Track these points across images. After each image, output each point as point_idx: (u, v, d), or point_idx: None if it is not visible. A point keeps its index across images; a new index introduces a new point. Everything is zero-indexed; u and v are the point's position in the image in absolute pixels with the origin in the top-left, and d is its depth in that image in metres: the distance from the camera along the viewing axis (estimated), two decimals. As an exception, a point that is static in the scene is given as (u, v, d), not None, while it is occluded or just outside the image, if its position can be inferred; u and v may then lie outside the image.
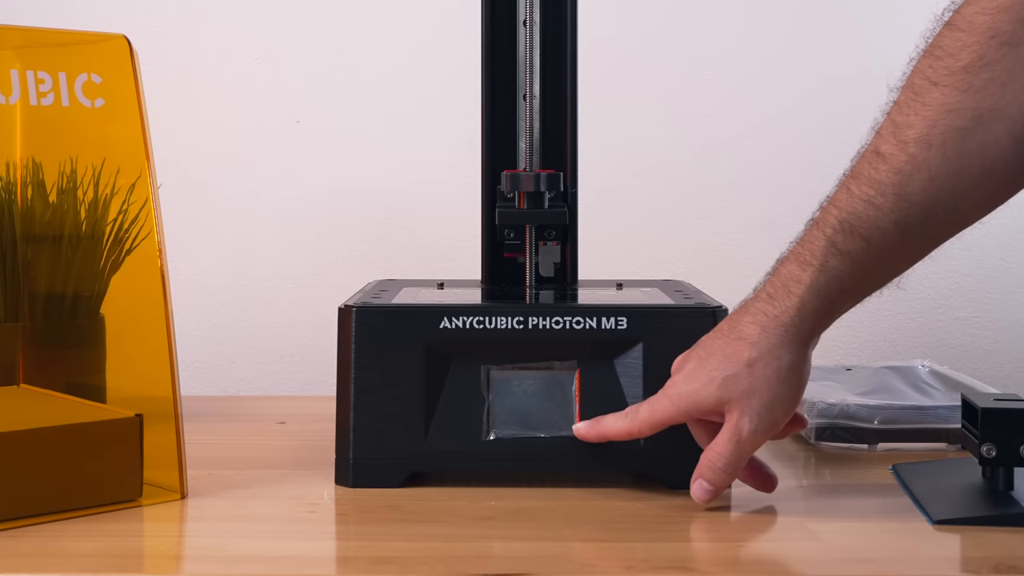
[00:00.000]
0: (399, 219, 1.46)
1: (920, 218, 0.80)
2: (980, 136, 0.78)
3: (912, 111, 0.79)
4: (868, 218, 0.81)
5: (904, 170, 0.79)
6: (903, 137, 0.79)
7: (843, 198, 0.82)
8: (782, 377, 0.83)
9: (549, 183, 1.05)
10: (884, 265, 0.83)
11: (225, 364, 1.46)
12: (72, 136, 0.97)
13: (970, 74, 0.77)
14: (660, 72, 1.45)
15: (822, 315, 0.83)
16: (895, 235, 0.81)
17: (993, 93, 0.77)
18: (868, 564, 0.75)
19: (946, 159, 0.78)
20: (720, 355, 0.84)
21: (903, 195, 0.79)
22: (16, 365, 0.99)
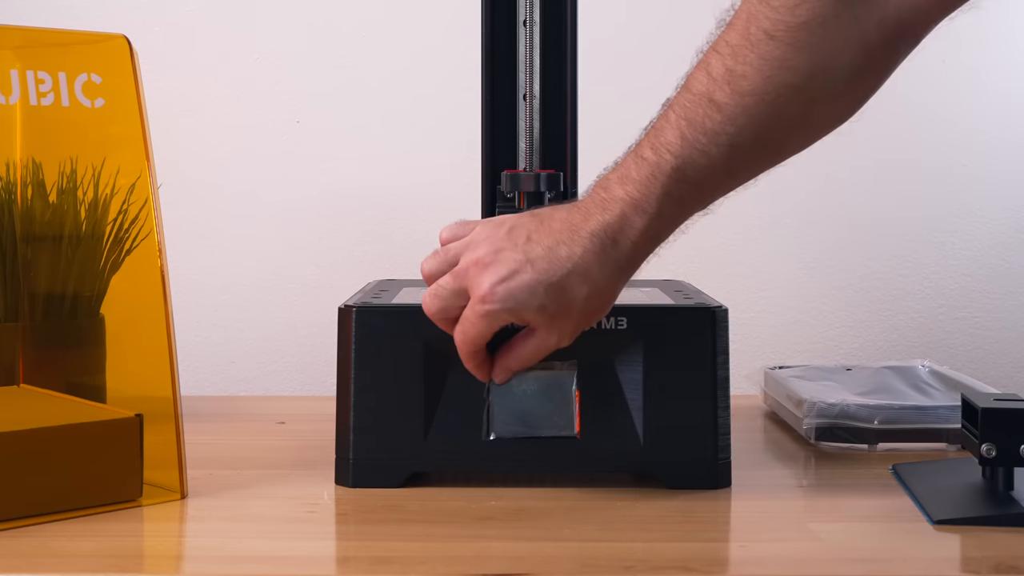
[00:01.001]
0: (399, 219, 1.46)
1: (747, 163, 0.84)
2: (810, 92, 0.81)
3: (747, 61, 0.81)
4: (700, 167, 0.83)
5: (738, 121, 0.81)
6: (738, 87, 0.81)
7: (676, 143, 0.83)
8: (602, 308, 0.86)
9: (549, 183, 1.05)
10: (706, 204, 0.86)
11: (225, 364, 1.46)
12: (72, 136, 0.97)
13: (807, 32, 0.79)
14: (660, 72, 1.45)
15: (647, 254, 0.86)
16: (723, 178, 0.85)
17: (826, 52, 0.79)
18: (868, 564, 0.75)
19: (777, 112, 0.81)
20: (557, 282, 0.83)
21: (735, 145, 0.82)
22: (16, 365, 0.99)
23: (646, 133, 0.86)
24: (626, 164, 0.86)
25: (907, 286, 1.47)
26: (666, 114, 0.85)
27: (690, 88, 0.83)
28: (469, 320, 0.85)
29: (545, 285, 0.83)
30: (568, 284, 0.84)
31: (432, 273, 0.88)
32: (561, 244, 0.84)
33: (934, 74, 1.44)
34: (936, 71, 1.44)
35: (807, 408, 1.05)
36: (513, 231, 0.86)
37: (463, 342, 0.87)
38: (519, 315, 0.85)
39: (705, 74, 0.83)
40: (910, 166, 1.46)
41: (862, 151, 1.45)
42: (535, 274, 0.83)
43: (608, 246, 0.84)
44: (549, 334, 0.86)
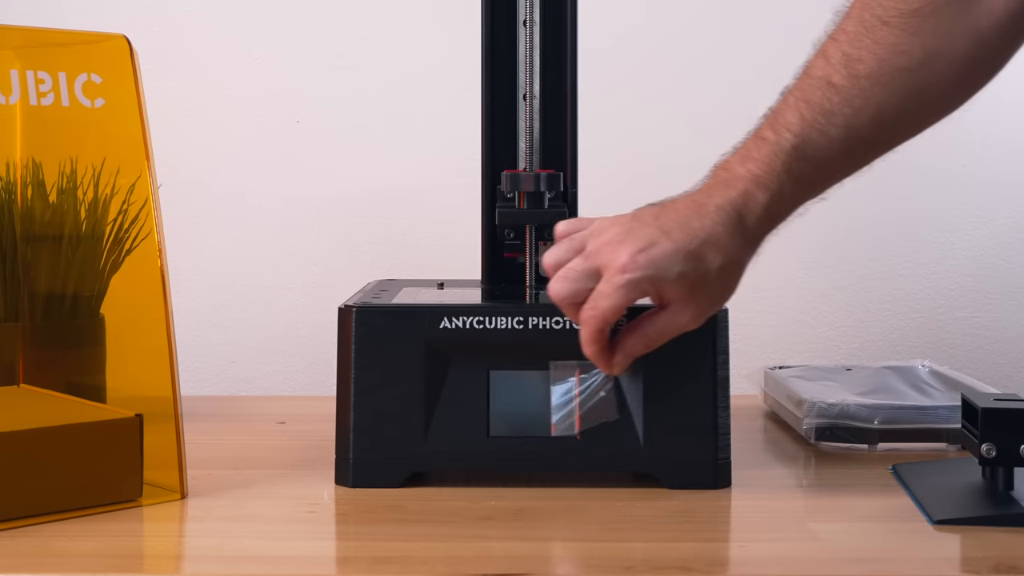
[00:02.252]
0: (399, 219, 1.46)
1: (863, 145, 0.87)
2: (924, 76, 0.84)
3: (863, 46, 0.85)
4: (819, 146, 0.85)
5: (855, 103, 0.85)
6: (854, 71, 0.85)
7: (796, 122, 0.86)
8: (731, 284, 0.88)
9: (549, 183, 1.05)
10: (824, 187, 0.88)
11: (225, 364, 1.46)
12: (72, 136, 0.97)
13: (919, 18, 0.83)
14: (660, 71, 1.45)
15: (767, 233, 0.88)
16: (840, 159, 0.87)
17: (938, 38, 0.83)
18: (868, 564, 0.75)
19: (891, 95, 0.85)
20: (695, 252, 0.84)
21: (852, 126, 0.85)
22: (16, 365, 0.99)
23: (765, 118, 0.89)
24: (746, 146, 0.88)
25: (907, 286, 1.47)
26: (785, 98, 0.88)
27: (808, 73, 0.87)
28: (604, 293, 0.84)
29: (684, 253, 0.84)
30: (703, 252, 0.85)
31: (558, 261, 0.88)
32: (691, 218, 0.86)
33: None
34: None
35: (807, 408, 1.05)
36: (638, 215, 0.88)
37: (593, 318, 0.85)
38: (659, 284, 0.85)
39: (823, 60, 0.86)
40: (910, 167, 1.46)
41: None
42: (672, 243, 0.84)
43: (735, 219, 0.86)
44: (684, 309, 0.86)
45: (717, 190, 0.87)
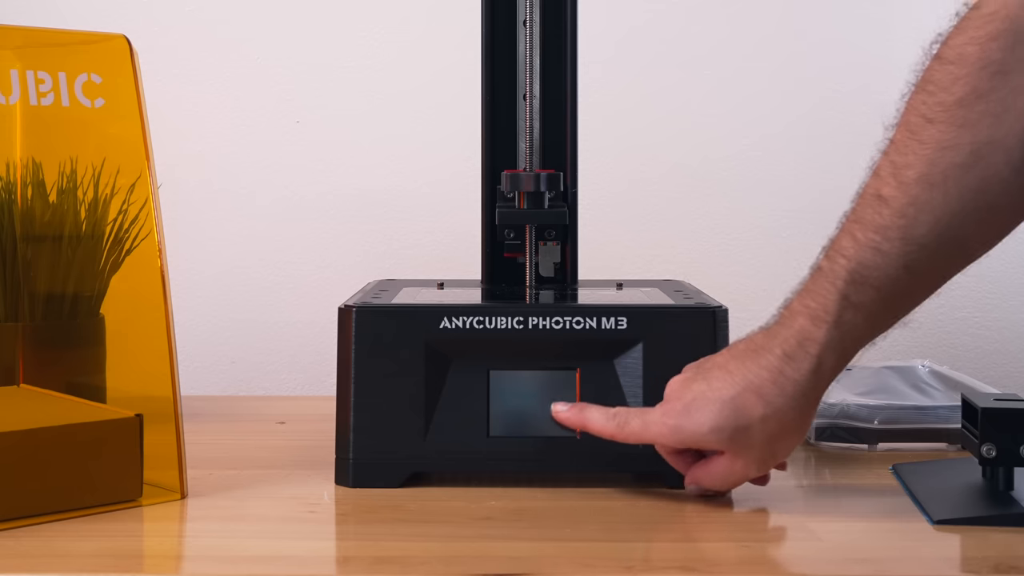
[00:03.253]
0: (399, 219, 1.46)
1: (928, 259, 0.80)
2: (980, 171, 0.77)
3: (910, 150, 0.78)
4: (877, 266, 0.80)
5: (908, 212, 0.78)
6: (903, 178, 0.78)
7: (849, 246, 0.81)
8: (788, 434, 0.83)
9: (549, 183, 1.05)
10: (895, 310, 0.82)
11: (225, 364, 1.46)
12: (72, 136, 0.97)
13: (964, 108, 0.77)
14: (661, 72, 1.45)
15: (836, 370, 0.83)
16: (905, 279, 0.80)
17: (989, 125, 0.76)
18: (868, 564, 0.75)
19: (948, 197, 0.78)
20: (731, 402, 0.82)
21: (909, 238, 0.79)
22: (16, 365, 0.99)
23: (824, 249, 0.84)
24: (805, 282, 0.84)
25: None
26: (841, 225, 0.82)
27: (861, 194, 0.81)
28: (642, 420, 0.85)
29: (719, 406, 0.82)
30: (744, 404, 0.82)
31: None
32: (740, 364, 0.83)
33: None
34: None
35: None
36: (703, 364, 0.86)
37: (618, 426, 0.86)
38: (694, 440, 0.84)
39: (873, 177, 0.81)
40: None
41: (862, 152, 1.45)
42: (711, 395, 0.82)
43: (785, 363, 0.82)
44: (734, 460, 0.84)
45: (777, 331, 0.83)
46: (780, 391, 0.82)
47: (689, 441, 0.84)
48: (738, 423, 0.82)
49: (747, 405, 0.82)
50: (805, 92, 1.45)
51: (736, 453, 0.84)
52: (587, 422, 0.88)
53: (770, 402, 0.82)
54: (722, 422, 0.82)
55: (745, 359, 0.83)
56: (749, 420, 0.82)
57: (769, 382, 0.82)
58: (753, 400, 0.82)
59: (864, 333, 0.82)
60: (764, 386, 0.82)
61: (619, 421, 0.86)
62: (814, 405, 0.83)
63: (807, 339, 0.81)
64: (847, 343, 0.82)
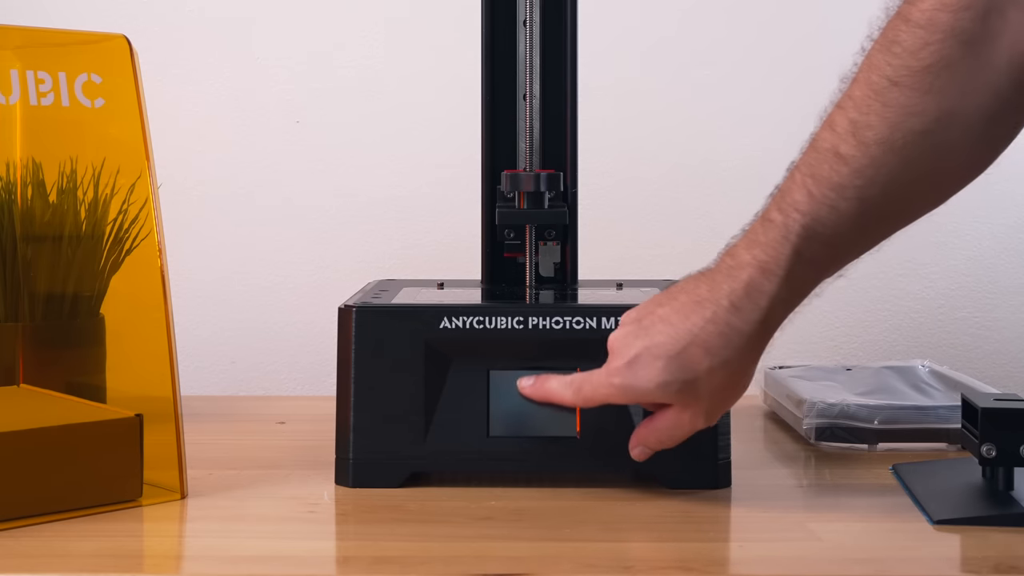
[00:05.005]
0: (399, 219, 1.46)
1: (878, 218, 0.80)
2: (938, 138, 0.77)
3: (872, 111, 0.78)
4: (831, 223, 0.79)
5: (866, 173, 0.78)
6: (863, 138, 0.78)
7: (803, 201, 0.80)
8: (735, 383, 0.84)
9: (549, 183, 1.05)
10: (840, 264, 0.83)
11: (225, 364, 1.46)
12: (72, 136, 0.97)
13: (932, 75, 0.76)
14: (660, 72, 1.45)
15: (781, 319, 0.83)
16: (855, 236, 0.81)
17: (953, 95, 0.76)
18: (868, 564, 0.75)
19: (905, 162, 0.78)
20: (677, 357, 0.82)
21: (864, 198, 0.79)
22: (16, 365, 0.99)
23: (771, 198, 0.83)
24: (753, 229, 0.84)
25: (907, 286, 1.47)
26: (791, 175, 0.82)
27: (815, 147, 0.81)
28: (594, 382, 0.85)
29: (665, 359, 0.82)
30: (689, 357, 0.82)
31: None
32: (687, 315, 0.83)
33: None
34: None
35: (807, 408, 1.05)
36: (646, 312, 0.86)
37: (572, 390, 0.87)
38: (641, 396, 0.84)
39: (829, 131, 0.80)
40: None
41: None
42: (657, 351, 0.82)
43: (731, 315, 0.81)
44: (682, 411, 0.84)
45: (721, 281, 0.83)
46: (726, 343, 0.82)
47: (637, 398, 0.84)
48: (685, 377, 0.82)
49: (693, 359, 0.82)
50: (805, 92, 1.45)
51: (685, 405, 0.84)
52: (549, 393, 0.89)
53: (716, 354, 0.82)
54: (668, 377, 0.82)
55: (688, 312, 0.83)
56: (696, 373, 0.82)
57: (715, 335, 0.82)
58: (700, 354, 0.82)
59: (810, 286, 0.83)
60: (710, 339, 0.82)
61: (575, 387, 0.87)
62: (759, 353, 0.84)
63: (756, 291, 0.81)
64: (795, 295, 0.82)
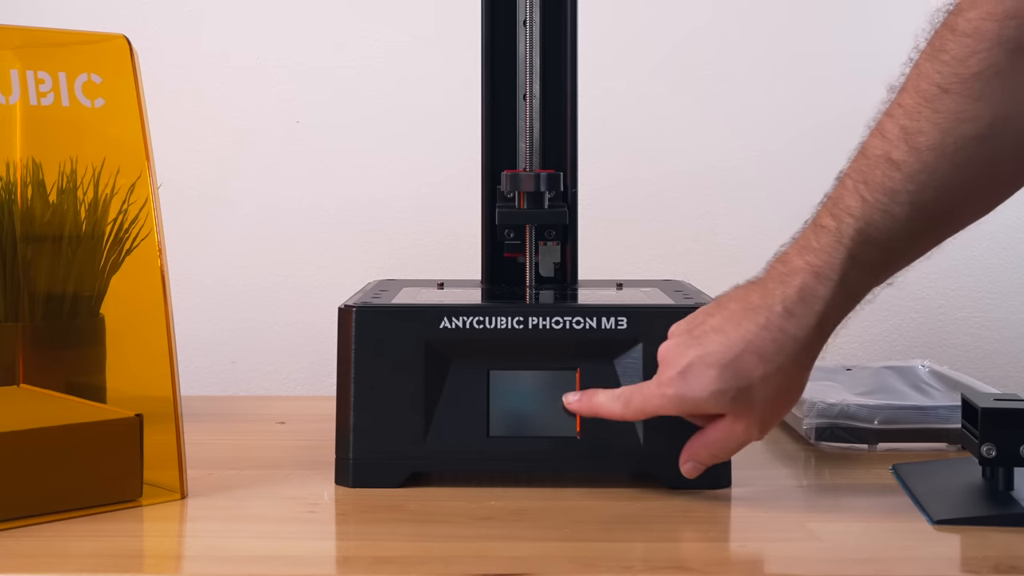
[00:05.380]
0: (399, 219, 1.46)
1: (929, 224, 0.81)
2: (992, 144, 0.78)
3: (923, 117, 0.78)
4: (885, 228, 0.80)
5: (919, 178, 0.79)
6: (915, 144, 0.79)
7: (856, 206, 0.81)
8: (789, 390, 0.84)
9: (549, 183, 1.05)
10: (893, 269, 0.83)
11: (225, 364, 1.46)
12: (72, 136, 0.97)
13: (981, 82, 0.77)
14: (661, 72, 1.45)
15: (835, 324, 0.83)
16: (908, 242, 0.81)
17: (1004, 102, 0.77)
18: (868, 564, 0.75)
19: (957, 167, 0.78)
20: (731, 365, 0.82)
21: (917, 203, 0.79)
22: (16, 365, 0.99)
23: (822, 204, 0.84)
24: (804, 236, 0.84)
25: (907, 286, 1.47)
26: (842, 182, 0.82)
27: (865, 154, 0.81)
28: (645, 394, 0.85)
29: (719, 367, 0.82)
30: (742, 364, 0.82)
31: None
32: (739, 322, 0.83)
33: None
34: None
35: (807, 408, 1.05)
36: (697, 323, 0.85)
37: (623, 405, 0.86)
38: (695, 406, 0.83)
39: (880, 138, 0.81)
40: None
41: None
42: (710, 360, 0.82)
43: (785, 320, 0.81)
44: (735, 421, 0.83)
45: (773, 288, 0.83)
46: (780, 348, 0.82)
47: (691, 408, 0.84)
48: (739, 384, 0.82)
49: (748, 366, 0.82)
50: (805, 92, 1.45)
51: (738, 415, 0.83)
52: (596, 408, 0.88)
53: (771, 360, 0.82)
54: (723, 386, 0.82)
55: (741, 319, 0.83)
56: (750, 381, 0.82)
57: (769, 341, 0.82)
58: (754, 361, 0.82)
59: (863, 291, 0.83)
60: (764, 345, 0.82)
61: (623, 400, 0.86)
62: (813, 359, 0.84)
63: (810, 296, 0.81)
64: (848, 300, 0.82)
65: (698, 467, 0.87)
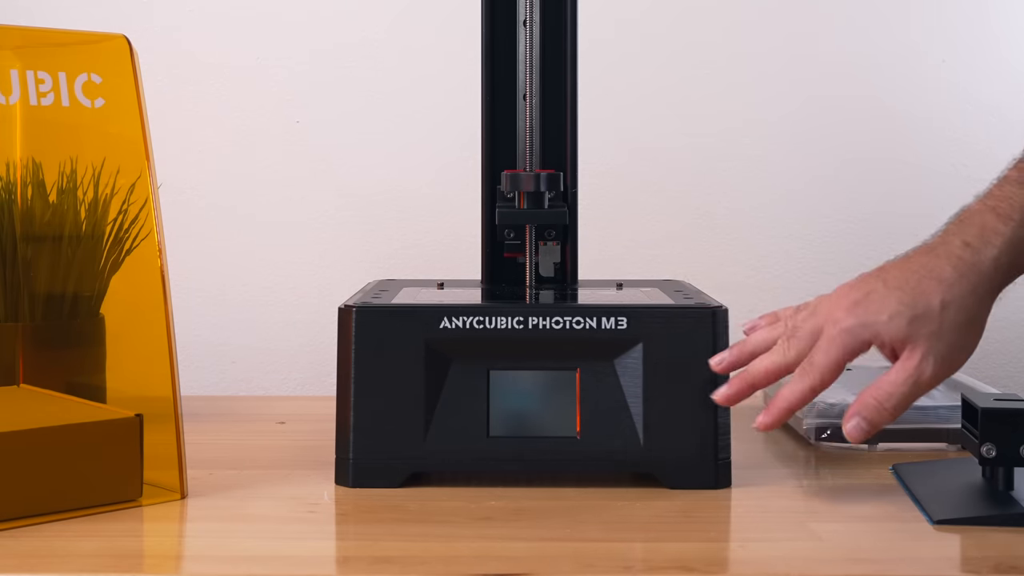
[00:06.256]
0: (399, 219, 1.46)
1: None
2: None
3: None
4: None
5: None
6: None
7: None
8: (971, 325, 0.82)
9: (549, 183, 1.05)
10: None
11: (225, 364, 1.46)
12: (72, 136, 0.97)
13: None
14: (661, 72, 1.45)
15: (1014, 270, 0.83)
16: None
17: None
18: (868, 564, 0.75)
19: None
20: (910, 290, 0.81)
21: None
22: (16, 365, 0.99)
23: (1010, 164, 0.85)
24: (988, 190, 0.85)
25: (907, 286, 1.47)
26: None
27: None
28: (820, 348, 0.82)
29: (899, 291, 0.81)
30: (923, 289, 0.81)
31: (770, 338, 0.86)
32: (916, 258, 0.82)
33: (935, 75, 1.44)
34: (936, 72, 1.44)
35: (807, 408, 1.05)
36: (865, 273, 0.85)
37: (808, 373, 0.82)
38: (873, 329, 0.81)
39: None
40: (911, 166, 1.46)
41: (862, 151, 1.45)
42: (886, 285, 0.82)
43: (965, 251, 0.81)
44: (912, 354, 0.81)
45: (951, 231, 0.83)
46: (960, 276, 0.81)
47: (868, 334, 0.82)
48: (916, 309, 0.81)
49: (927, 291, 0.81)
50: (806, 93, 1.45)
51: (914, 345, 0.81)
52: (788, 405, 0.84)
53: (951, 287, 0.81)
54: (901, 308, 0.81)
55: (920, 255, 0.83)
56: (929, 306, 0.81)
57: (949, 267, 0.81)
58: (933, 285, 0.81)
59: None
60: (944, 271, 0.81)
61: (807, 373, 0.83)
62: (992, 300, 0.83)
63: (991, 231, 0.82)
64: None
65: (862, 425, 0.83)
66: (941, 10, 1.43)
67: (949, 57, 1.44)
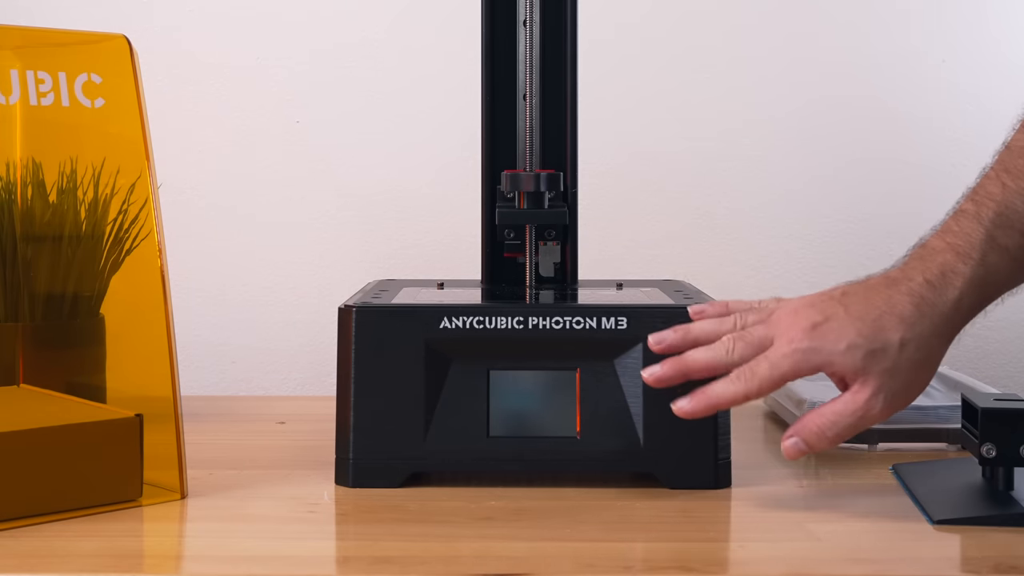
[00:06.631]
0: (399, 219, 1.46)
1: None
2: None
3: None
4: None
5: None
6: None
7: (997, 192, 0.82)
8: (926, 365, 0.82)
9: (549, 183, 1.05)
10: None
11: (225, 364, 1.46)
12: (72, 136, 0.97)
13: None
14: (661, 73, 1.45)
15: (975, 309, 0.83)
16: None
17: None
18: (868, 564, 0.75)
19: None
20: (871, 322, 0.81)
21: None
22: (16, 365, 0.99)
23: (964, 196, 0.85)
24: (945, 223, 0.84)
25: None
26: (986, 175, 0.84)
27: (1009, 148, 0.84)
28: (769, 361, 0.81)
29: (859, 324, 0.81)
30: (882, 324, 0.80)
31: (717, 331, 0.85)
32: (879, 291, 0.82)
33: (935, 75, 1.44)
34: (936, 72, 1.44)
35: (807, 408, 1.05)
36: (827, 291, 0.84)
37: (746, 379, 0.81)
38: (828, 356, 0.81)
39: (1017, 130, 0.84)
40: (911, 166, 1.46)
41: (862, 151, 1.45)
42: (848, 314, 0.81)
43: (927, 291, 0.81)
44: (863, 388, 0.81)
45: (913, 266, 0.83)
46: (921, 316, 0.81)
47: (820, 360, 0.81)
48: (875, 343, 0.80)
49: (887, 327, 0.80)
50: (806, 94, 1.45)
51: (866, 380, 0.81)
52: (716, 400, 0.83)
53: (911, 325, 0.81)
54: (860, 340, 0.80)
55: (881, 288, 0.82)
56: (887, 343, 0.80)
57: (911, 306, 0.81)
58: (894, 322, 0.80)
59: (1003, 279, 0.83)
60: (906, 309, 0.81)
61: (745, 379, 0.82)
62: (950, 339, 0.83)
63: (951, 272, 0.82)
64: (988, 286, 0.82)
65: (799, 445, 0.83)
66: (941, 11, 1.43)
67: (949, 57, 1.44)
